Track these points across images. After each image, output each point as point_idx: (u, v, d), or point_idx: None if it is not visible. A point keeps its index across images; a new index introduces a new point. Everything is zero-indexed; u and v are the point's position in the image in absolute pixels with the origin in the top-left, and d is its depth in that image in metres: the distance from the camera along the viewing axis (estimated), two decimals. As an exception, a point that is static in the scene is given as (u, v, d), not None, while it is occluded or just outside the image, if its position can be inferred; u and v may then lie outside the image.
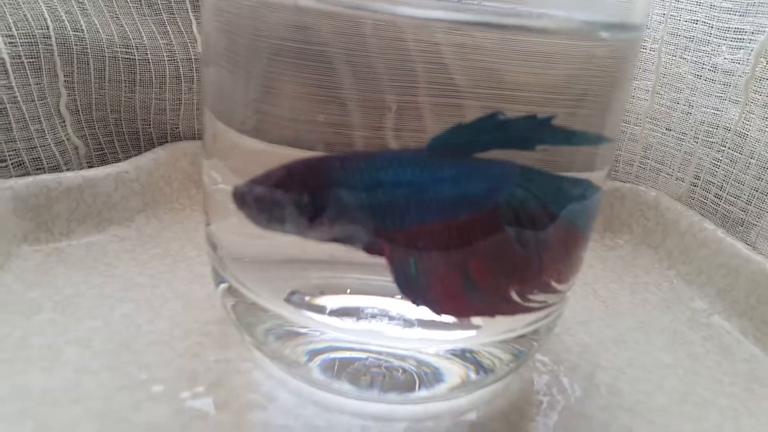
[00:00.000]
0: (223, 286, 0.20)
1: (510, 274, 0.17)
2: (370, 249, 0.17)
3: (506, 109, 0.15)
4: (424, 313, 0.19)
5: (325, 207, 0.16)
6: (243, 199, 0.17)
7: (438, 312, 0.17)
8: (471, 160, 0.16)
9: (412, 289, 0.17)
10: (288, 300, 0.19)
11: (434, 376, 0.19)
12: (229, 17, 0.17)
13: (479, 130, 0.15)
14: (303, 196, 0.16)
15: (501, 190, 0.16)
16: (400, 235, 0.16)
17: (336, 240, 0.17)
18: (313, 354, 0.19)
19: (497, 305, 0.18)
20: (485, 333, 0.19)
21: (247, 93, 0.17)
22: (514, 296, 0.17)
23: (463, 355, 0.19)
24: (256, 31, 0.16)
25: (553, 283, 0.18)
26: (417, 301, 0.17)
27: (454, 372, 0.19)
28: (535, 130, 0.15)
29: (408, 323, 0.18)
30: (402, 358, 0.18)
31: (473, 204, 0.16)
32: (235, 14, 0.17)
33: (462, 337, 0.19)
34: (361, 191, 0.16)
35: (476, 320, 0.18)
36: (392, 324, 0.18)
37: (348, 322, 0.18)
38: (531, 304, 0.18)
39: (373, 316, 0.18)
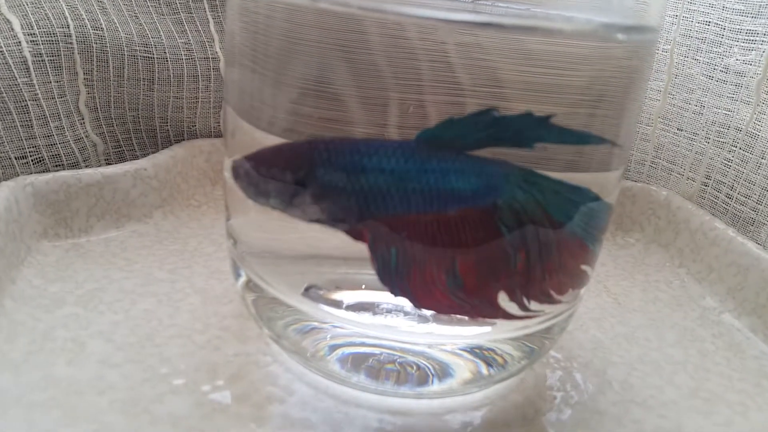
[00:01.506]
0: (242, 279, 0.20)
1: (500, 278, 0.17)
2: (353, 233, 0.17)
3: (521, 108, 0.16)
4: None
5: (306, 185, 0.16)
6: (237, 172, 0.18)
7: (417, 305, 0.17)
8: (463, 155, 0.16)
9: (390, 278, 0.17)
10: (305, 294, 0.19)
11: (446, 372, 0.19)
12: (255, 18, 0.17)
13: (472, 125, 0.15)
14: (285, 172, 0.16)
15: (498, 190, 0.16)
16: (381, 223, 0.16)
17: (319, 221, 0.17)
18: (331, 349, 0.19)
19: (481, 309, 0.17)
20: (499, 329, 0.19)
21: (271, 92, 0.17)
22: (502, 301, 0.17)
23: (476, 351, 0.19)
24: (281, 31, 0.16)
25: (551, 293, 0.18)
26: (395, 291, 0.17)
27: (466, 368, 0.19)
28: (532, 129, 0.15)
29: (423, 318, 0.18)
30: (415, 354, 0.19)
31: (462, 200, 0.16)
32: (263, 15, 0.17)
33: (476, 333, 0.19)
34: (342, 173, 0.16)
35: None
36: (407, 319, 0.19)
37: (364, 317, 0.19)
38: (522, 313, 0.18)
39: (389, 311, 0.19)
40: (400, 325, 0.18)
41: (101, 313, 0.22)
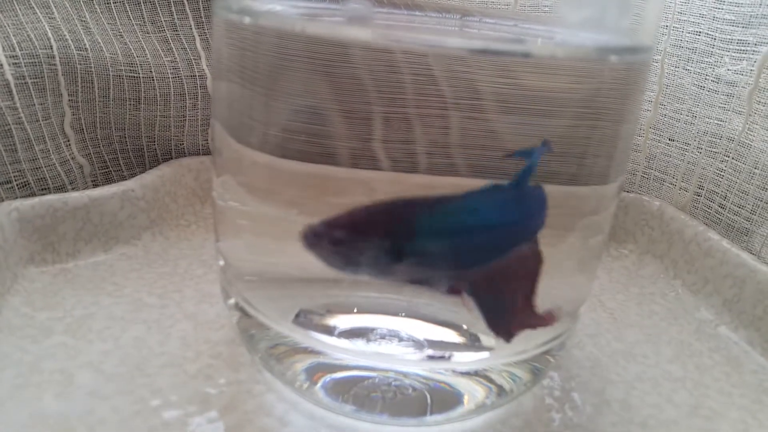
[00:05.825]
0: (230, 302, 0.20)
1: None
2: (451, 291, 0.17)
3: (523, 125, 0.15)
4: (434, 333, 0.19)
5: (407, 252, 0.16)
6: (313, 240, 0.17)
7: (509, 339, 0.18)
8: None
9: (498, 323, 0.17)
10: (296, 321, 0.19)
11: (447, 396, 0.19)
12: (242, 34, 0.17)
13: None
14: (384, 241, 0.16)
15: (538, 217, 0.17)
16: (482, 275, 0.17)
17: (413, 282, 0.17)
18: (324, 375, 0.19)
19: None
20: (498, 355, 0.19)
21: (259, 108, 0.17)
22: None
23: (474, 375, 0.19)
24: (269, 47, 0.16)
25: None
26: (500, 333, 0.18)
27: (467, 393, 0.19)
28: None
29: (418, 344, 0.18)
30: (412, 379, 0.18)
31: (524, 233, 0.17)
32: (250, 32, 0.17)
33: (474, 359, 0.19)
34: (446, 236, 0.16)
35: (488, 342, 0.18)
36: (402, 345, 0.18)
37: (358, 344, 0.18)
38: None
39: (383, 337, 0.18)
40: (396, 352, 0.18)
41: (90, 341, 0.21)
